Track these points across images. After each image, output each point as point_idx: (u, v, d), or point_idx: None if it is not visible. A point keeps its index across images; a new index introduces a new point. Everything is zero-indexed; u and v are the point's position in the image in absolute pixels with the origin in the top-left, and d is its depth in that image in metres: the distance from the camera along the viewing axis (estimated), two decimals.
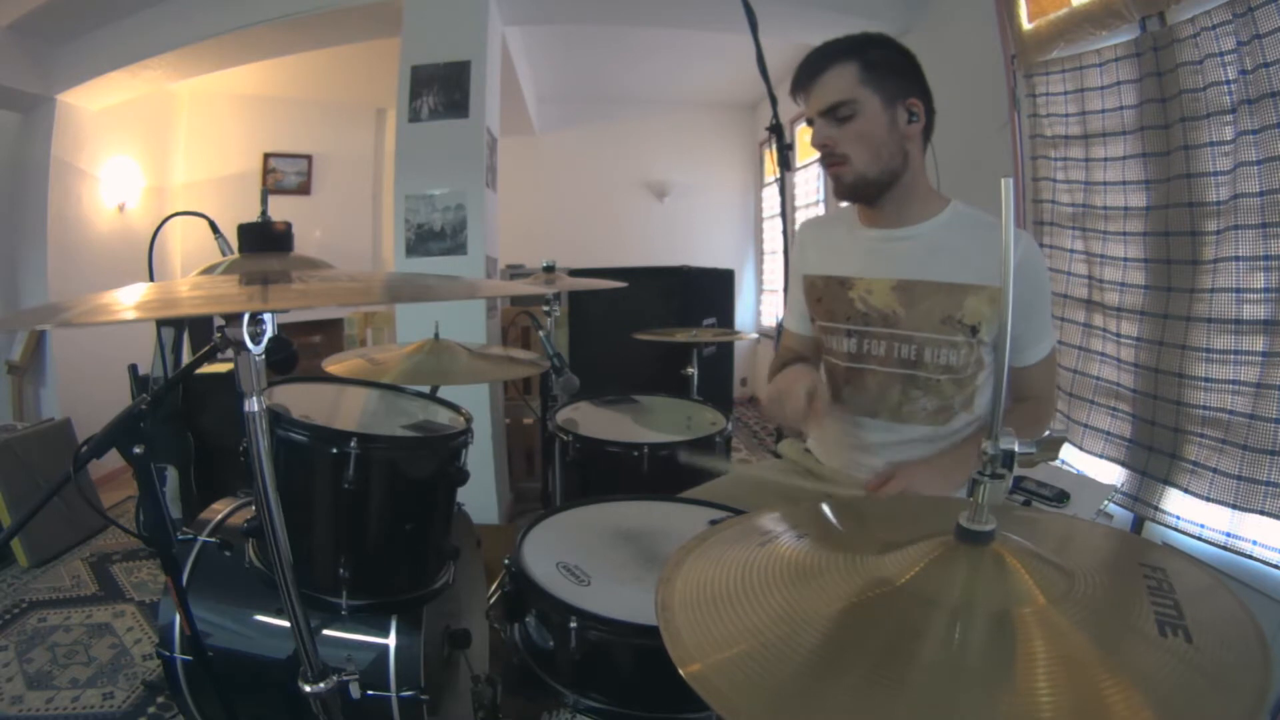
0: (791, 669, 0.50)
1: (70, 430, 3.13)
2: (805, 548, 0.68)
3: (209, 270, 1.07)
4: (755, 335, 5.68)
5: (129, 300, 0.69)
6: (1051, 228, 2.19)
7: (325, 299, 0.77)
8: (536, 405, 3.28)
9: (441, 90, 2.95)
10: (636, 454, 1.69)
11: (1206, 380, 1.63)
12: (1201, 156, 1.63)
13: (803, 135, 4.92)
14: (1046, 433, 1.32)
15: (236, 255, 1.09)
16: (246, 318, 0.70)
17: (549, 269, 2.16)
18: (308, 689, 0.86)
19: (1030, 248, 1.21)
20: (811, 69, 1.18)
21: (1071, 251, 2.12)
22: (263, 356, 0.74)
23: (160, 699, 1.85)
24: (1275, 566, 1.51)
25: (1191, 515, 1.71)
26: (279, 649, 1.24)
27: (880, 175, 1.18)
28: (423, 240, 2.99)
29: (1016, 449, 0.57)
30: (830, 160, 1.19)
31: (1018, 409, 1.25)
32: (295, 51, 3.60)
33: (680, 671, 0.50)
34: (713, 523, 0.94)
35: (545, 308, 2.20)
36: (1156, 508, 1.79)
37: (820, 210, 4.57)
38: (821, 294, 1.33)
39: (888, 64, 1.16)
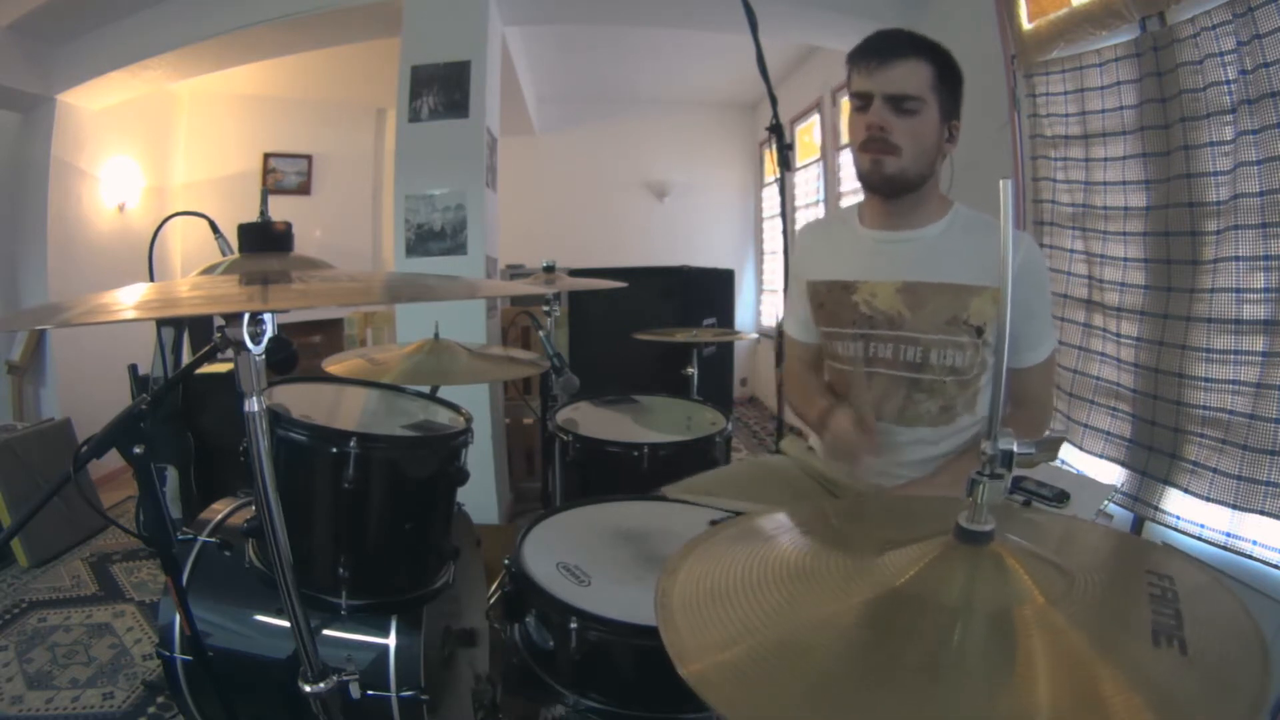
0: (790, 669, 0.50)
1: (70, 430, 3.13)
2: (805, 548, 0.68)
3: (209, 270, 1.07)
4: (755, 335, 5.68)
5: (129, 300, 0.69)
6: (1051, 228, 2.19)
7: (325, 299, 0.77)
8: (536, 405, 3.28)
9: (441, 90, 2.95)
10: (636, 454, 1.69)
11: (1206, 380, 1.63)
12: (1201, 156, 1.63)
13: (802, 135, 4.94)
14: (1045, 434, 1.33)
15: (236, 255, 1.09)
16: (246, 318, 0.70)
17: (549, 269, 2.16)
18: (308, 689, 0.86)
19: (1031, 249, 1.21)
20: (890, 49, 1.16)
21: (1071, 251, 2.12)
22: (263, 356, 0.74)
23: (160, 699, 1.85)
24: (1275, 566, 1.51)
25: (1191, 515, 1.70)
26: (279, 649, 1.24)
27: (916, 177, 1.19)
28: (423, 240, 2.99)
29: (1015, 450, 0.57)
30: (879, 146, 1.17)
31: (1014, 418, 1.25)
32: (295, 51, 3.60)
33: (680, 671, 0.50)
34: (713, 523, 0.94)
35: (545, 308, 2.20)
36: (1156, 508, 1.79)
37: (820, 210, 4.57)
38: (824, 299, 1.32)
39: (952, 82, 1.18)
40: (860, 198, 1.33)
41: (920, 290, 1.20)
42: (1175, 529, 1.74)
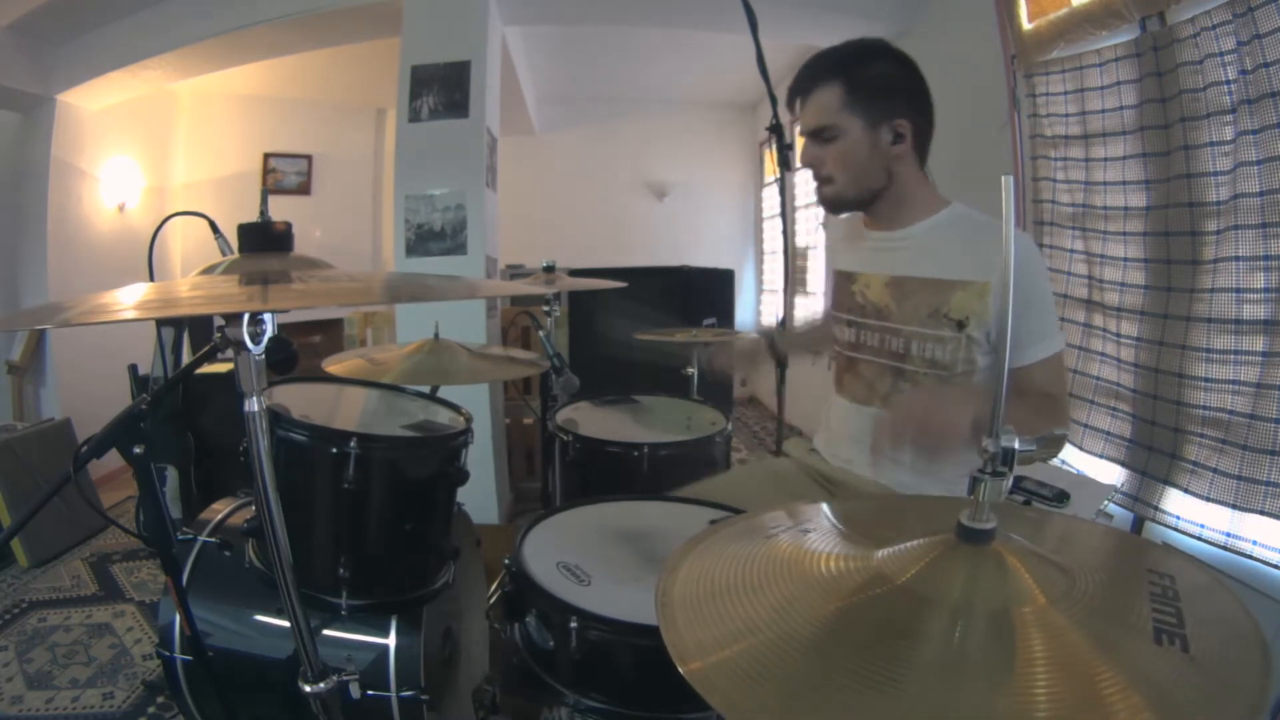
0: (791, 667, 0.50)
1: (70, 430, 3.13)
2: (805, 545, 0.68)
3: (209, 270, 1.07)
4: (755, 335, 5.67)
5: (129, 300, 0.69)
6: (1051, 228, 2.19)
7: (325, 299, 0.77)
8: (536, 405, 3.27)
9: (441, 90, 2.95)
10: (636, 454, 1.69)
11: (1206, 380, 1.63)
12: (1201, 156, 1.63)
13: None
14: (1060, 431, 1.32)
15: (236, 255, 1.08)
16: (246, 318, 0.70)
17: (549, 269, 2.16)
18: (308, 689, 0.86)
19: (1025, 246, 1.21)
20: (801, 86, 1.23)
21: (1071, 251, 2.12)
22: (263, 356, 0.74)
23: (160, 699, 1.85)
24: (1275, 566, 1.51)
25: (1191, 515, 1.71)
26: (279, 649, 1.24)
27: (859, 194, 1.24)
28: (423, 240, 2.99)
29: (1017, 446, 0.57)
30: (818, 178, 1.27)
31: (1024, 403, 1.21)
32: (295, 51, 3.60)
33: (680, 669, 0.50)
34: (713, 523, 0.94)
35: (545, 308, 2.20)
36: (1156, 508, 1.79)
37: (820, 210, 4.56)
38: (833, 285, 1.41)
39: (875, 84, 1.17)
40: None
41: (906, 284, 1.24)
42: (1175, 529, 1.74)
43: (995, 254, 1.13)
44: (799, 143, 1.35)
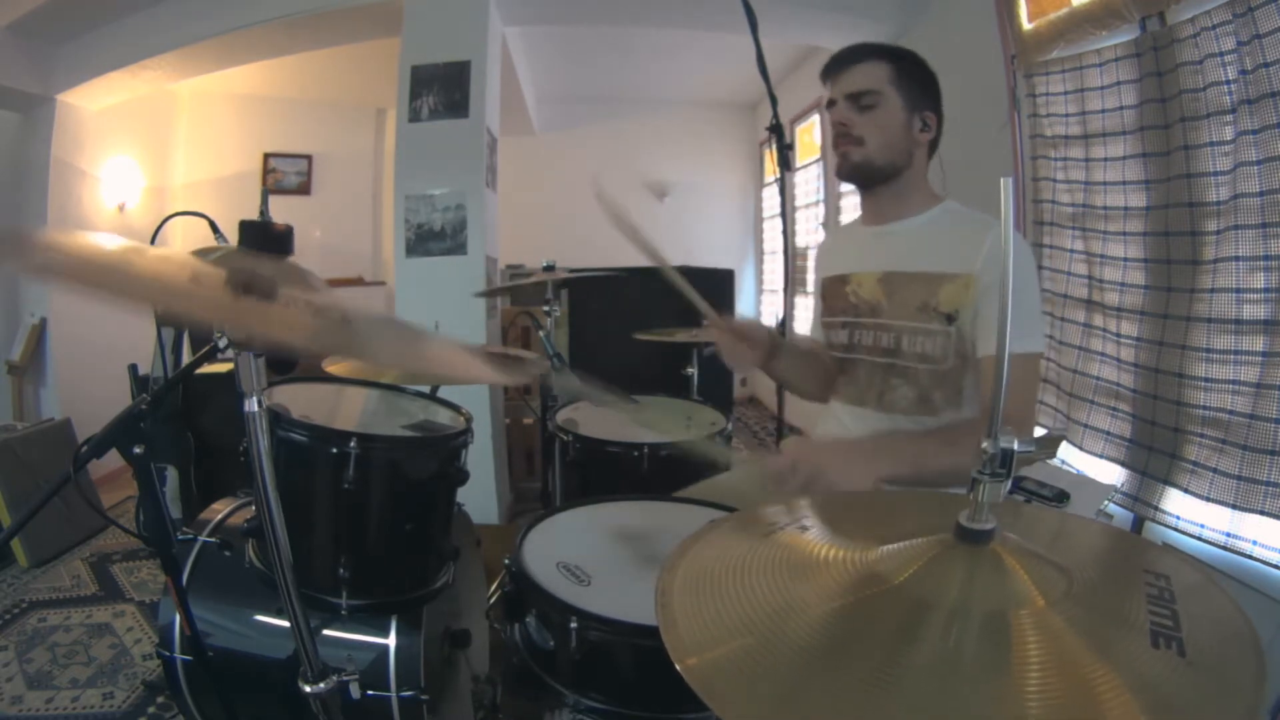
0: (787, 666, 0.50)
1: (70, 430, 3.13)
2: (804, 543, 0.68)
3: (202, 253, 1.06)
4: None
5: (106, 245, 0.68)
6: (1051, 228, 2.19)
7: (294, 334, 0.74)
8: (536, 405, 3.27)
9: (441, 90, 2.95)
10: (636, 454, 1.69)
11: (1206, 380, 1.63)
12: (1201, 156, 1.63)
13: (802, 135, 4.93)
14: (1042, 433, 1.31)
15: (234, 247, 1.08)
16: None
17: (549, 269, 2.16)
18: (308, 689, 0.86)
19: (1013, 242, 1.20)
20: (848, 58, 1.26)
21: (1071, 251, 2.12)
22: (262, 356, 0.74)
23: (160, 699, 1.85)
24: (1275, 566, 1.51)
25: (1191, 515, 1.70)
26: (279, 649, 1.24)
27: (885, 165, 1.24)
28: (423, 240, 3.00)
29: (1016, 448, 0.57)
30: (844, 140, 1.25)
31: (982, 396, 1.19)
32: (295, 51, 3.61)
33: (676, 665, 0.50)
34: (713, 524, 0.94)
35: (545, 308, 2.20)
36: (1156, 508, 1.79)
37: (820, 210, 4.57)
38: (826, 292, 1.41)
39: (917, 76, 1.24)
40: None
41: (897, 279, 1.25)
42: (1175, 529, 1.74)
43: (977, 245, 1.15)
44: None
